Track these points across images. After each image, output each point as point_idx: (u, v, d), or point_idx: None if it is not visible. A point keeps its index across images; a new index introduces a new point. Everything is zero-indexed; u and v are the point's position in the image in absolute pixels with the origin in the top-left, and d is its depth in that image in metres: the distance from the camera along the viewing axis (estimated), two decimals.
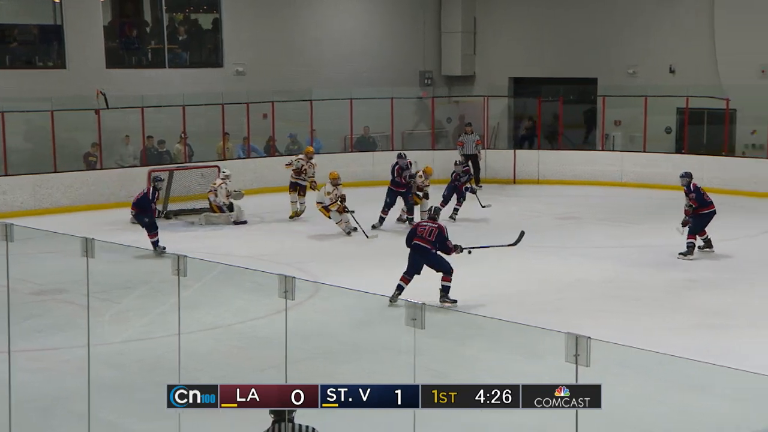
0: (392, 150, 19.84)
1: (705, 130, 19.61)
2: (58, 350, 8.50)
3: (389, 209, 14.68)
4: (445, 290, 9.84)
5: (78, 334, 6.92)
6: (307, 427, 4.37)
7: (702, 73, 19.30)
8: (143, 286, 10.93)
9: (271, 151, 19.33)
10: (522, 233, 10.71)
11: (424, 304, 4.60)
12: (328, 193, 13.78)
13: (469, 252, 10.15)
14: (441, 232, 10.01)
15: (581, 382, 4.13)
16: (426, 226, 10.19)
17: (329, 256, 12.69)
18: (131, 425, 6.86)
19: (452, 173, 15.69)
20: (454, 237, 10.31)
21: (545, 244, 13.24)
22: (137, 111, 17.28)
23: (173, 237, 13.79)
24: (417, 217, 14.26)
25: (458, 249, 10.06)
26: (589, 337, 4.07)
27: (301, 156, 15.88)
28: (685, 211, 12.32)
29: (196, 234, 14.21)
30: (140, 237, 13.65)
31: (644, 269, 11.66)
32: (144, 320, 9.71)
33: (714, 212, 12.31)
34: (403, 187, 14.73)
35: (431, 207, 11.27)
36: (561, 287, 10.80)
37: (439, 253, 9.99)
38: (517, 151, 19.88)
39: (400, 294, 9.73)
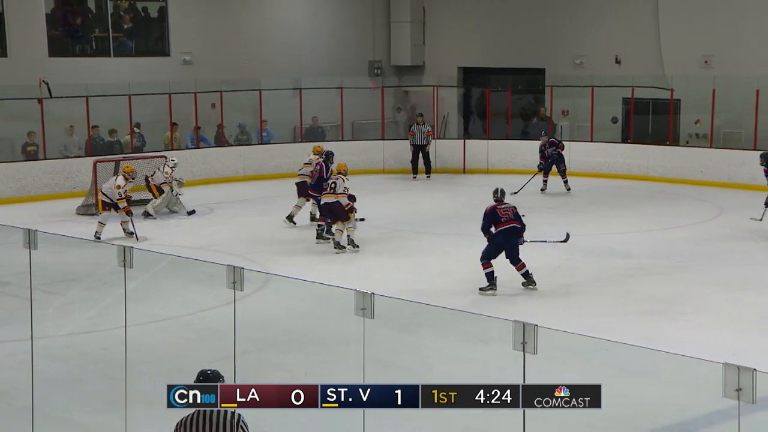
0: (342, 140, 19.85)
1: (650, 119, 19.91)
2: (0, 344, 8.34)
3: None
4: (528, 275, 10.12)
5: (21, 328, 6.80)
6: (233, 413, 4.32)
7: (647, 63, 19.58)
8: (88, 278, 10.76)
9: (220, 140, 19.16)
10: (568, 234, 10.92)
11: (373, 293, 4.60)
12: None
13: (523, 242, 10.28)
14: (516, 209, 10.21)
15: (528, 369, 4.17)
16: (505, 208, 10.21)
17: (280, 246, 12.63)
18: (77, 418, 6.75)
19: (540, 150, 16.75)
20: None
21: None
22: (82, 100, 16.98)
23: (119, 229, 13.61)
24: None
25: (524, 239, 10.27)
26: (536, 325, 4.11)
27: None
28: None
29: (144, 224, 14.01)
30: (85, 228, 13.46)
31: (590, 257, 11.80)
32: (90, 313, 9.57)
33: None
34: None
35: (497, 189, 10.50)
36: (510, 276, 10.88)
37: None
38: (466, 141, 19.98)
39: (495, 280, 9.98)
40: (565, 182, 16.95)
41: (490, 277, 10.05)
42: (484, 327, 7.30)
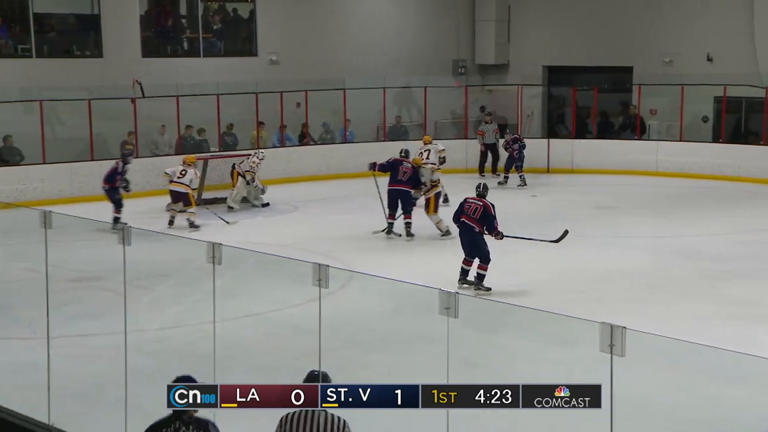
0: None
1: (743, 118, 19.34)
2: (94, 337, 8.60)
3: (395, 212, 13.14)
4: (480, 278, 9.77)
5: (114, 321, 6.99)
6: (339, 417, 4.37)
7: (740, 61, 19.01)
8: (178, 273, 11.01)
9: (304, 139, 19.38)
10: (566, 231, 10.60)
11: (457, 293, 4.59)
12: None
13: (501, 238, 10.03)
14: (486, 209, 9.86)
15: (616, 372, 4.10)
16: (472, 203, 10.01)
17: (363, 244, 12.70)
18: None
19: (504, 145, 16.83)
20: None
21: (580, 234, 13.15)
22: (172, 100, 17.40)
23: (207, 225, 13.91)
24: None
25: (499, 234, 9.94)
26: (624, 327, 4.04)
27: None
28: None
29: (231, 219, 14.25)
30: (176, 224, 13.79)
31: (679, 259, 11.54)
32: (179, 308, 9.79)
33: None
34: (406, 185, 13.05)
35: (479, 184, 10.45)
36: (596, 277, 10.73)
37: (485, 236, 9.88)
38: (550, 140, 19.74)
39: (465, 277, 9.75)
40: (522, 177, 17.30)
41: (462, 272, 9.83)
42: (570, 328, 7.20)
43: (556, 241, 10.54)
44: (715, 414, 6.53)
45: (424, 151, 15.11)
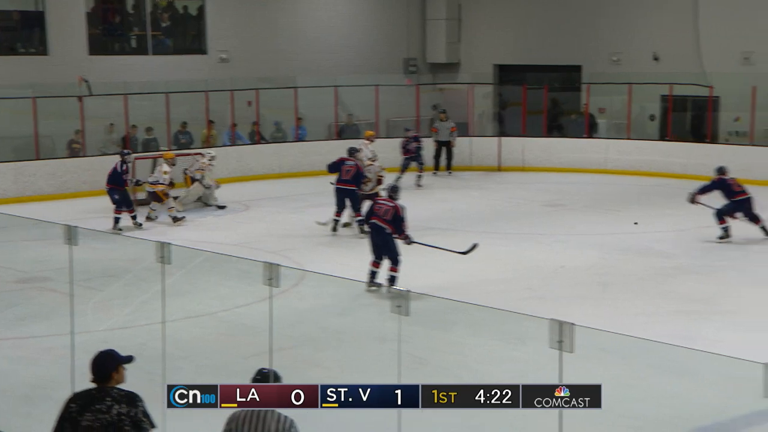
0: (377, 137, 19.84)
1: (689, 117, 19.68)
2: (40, 338, 8.46)
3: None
4: (392, 281, 9.61)
5: (61, 323, 6.89)
6: (286, 417, 4.33)
7: (686, 60, 19.35)
8: (127, 273, 10.88)
9: (256, 138, 19.27)
10: (475, 245, 10.40)
11: (408, 291, 4.60)
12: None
13: (409, 243, 9.85)
14: (397, 211, 9.74)
15: (565, 367, 4.14)
16: (383, 204, 9.90)
17: (316, 243, 12.67)
18: None
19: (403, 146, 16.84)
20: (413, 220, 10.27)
21: (530, 231, 13.29)
22: (120, 98, 17.17)
23: (157, 225, 13.76)
24: None
25: (408, 238, 9.80)
26: (573, 324, 4.08)
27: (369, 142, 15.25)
28: None
29: (164, 222, 14.11)
30: (123, 224, 13.60)
31: (628, 256, 11.70)
32: (128, 308, 9.67)
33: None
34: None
35: (390, 185, 10.56)
36: (546, 274, 10.84)
37: (395, 237, 9.71)
38: (502, 138, 19.90)
39: (373, 279, 9.61)
40: (420, 177, 17.24)
41: (370, 274, 9.68)
42: (520, 325, 7.27)
43: (464, 253, 10.31)
44: (663, 408, 6.63)
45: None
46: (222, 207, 14.99)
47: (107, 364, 4.30)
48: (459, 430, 5.84)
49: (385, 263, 9.80)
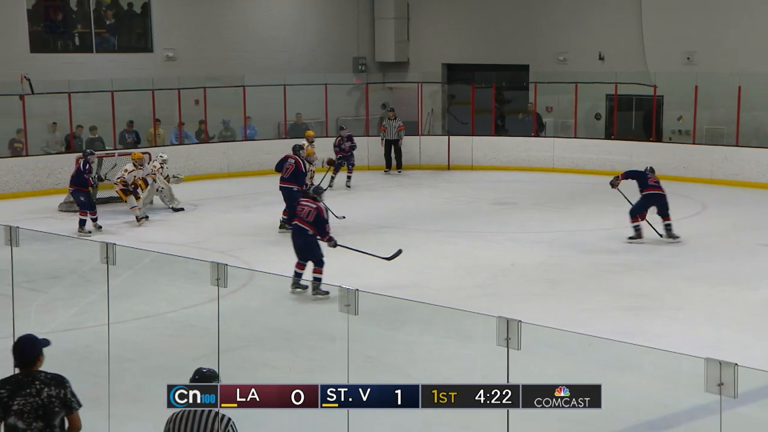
0: (326, 136, 19.82)
1: (633, 116, 20.00)
2: None
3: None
4: (317, 282, 9.52)
5: (2, 325, 6.74)
6: (223, 415, 4.32)
7: (630, 60, 19.66)
8: (71, 275, 10.70)
9: (203, 137, 19.10)
10: (399, 251, 10.38)
11: (357, 290, 4.59)
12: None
13: (333, 246, 9.72)
14: (319, 213, 9.64)
15: (512, 364, 4.18)
16: (305, 206, 9.78)
17: (265, 242, 12.59)
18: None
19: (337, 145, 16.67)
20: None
21: (479, 230, 13.39)
22: (64, 97, 16.87)
23: (106, 225, 13.56)
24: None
25: (332, 241, 9.70)
26: (520, 321, 4.11)
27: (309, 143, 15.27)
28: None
29: (131, 221, 13.93)
30: (67, 225, 13.39)
31: (574, 253, 11.85)
32: (73, 310, 9.51)
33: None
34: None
35: (312, 186, 10.40)
36: (494, 272, 10.92)
37: (318, 239, 9.61)
38: (451, 137, 20.00)
39: (299, 281, 9.47)
40: (349, 177, 17.09)
41: (295, 275, 9.58)
42: (469, 323, 7.31)
43: (389, 259, 10.25)
44: (607, 403, 6.72)
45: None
46: (179, 209, 14.74)
47: (32, 349, 4.46)
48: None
49: (310, 265, 9.67)
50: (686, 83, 17.98)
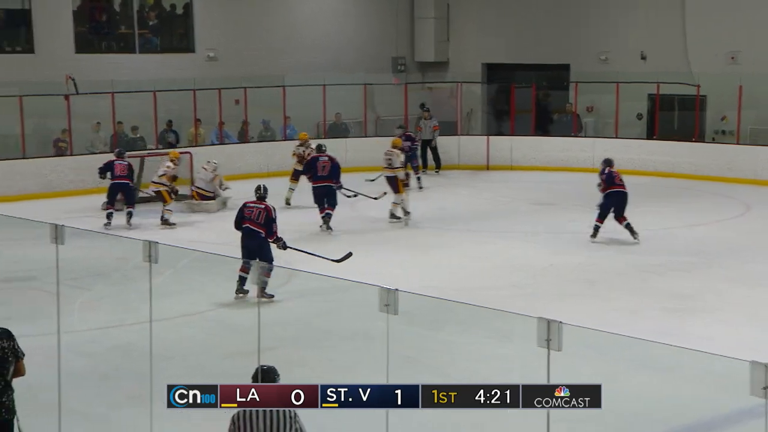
0: (365, 136, 19.87)
1: (676, 116, 19.75)
2: (26, 338, 8.40)
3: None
4: (264, 284, 9.43)
5: (47, 322, 6.85)
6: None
7: (673, 59, 19.42)
8: (114, 273, 10.84)
9: (244, 137, 19.22)
10: (349, 253, 10.20)
11: (397, 289, 4.59)
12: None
13: (284, 248, 9.56)
14: (269, 213, 9.45)
15: (552, 365, 4.15)
16: (254, 208, 9.54)
17: (306, 241, 12.63)
18: (102, 413, 6.81)
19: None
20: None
21: (517, 230, 13.32)
22: (107, 97, 17.10)
23: (146, 224, 13.72)
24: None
25: (280, 242, 9.52)
26: (561, 322, 4.08)
27: (299, 143, 15.72)
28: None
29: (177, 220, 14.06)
30: (117, 227, 13.56)
31: (613, 254, 11.74)
32: (115, 307, 9.64)
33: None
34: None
35: (258, 186, 9.94)
36: (532, 272, 10.86)
37: (269, 241, 9.45)
38: (490, 137, 19.92)
39: (242, 286, 9.28)
40: (419, 178, 16.66)
41: (239, 280, 9.32)
42: (508, 324, 7.28)
43: (338, 261, 10.09)
44: (649, 406, 6.66)
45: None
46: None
47: None
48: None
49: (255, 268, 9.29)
50: (730, 83, 17.72)
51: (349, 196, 14.03)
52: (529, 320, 4.15)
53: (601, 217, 12.31)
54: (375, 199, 13.92)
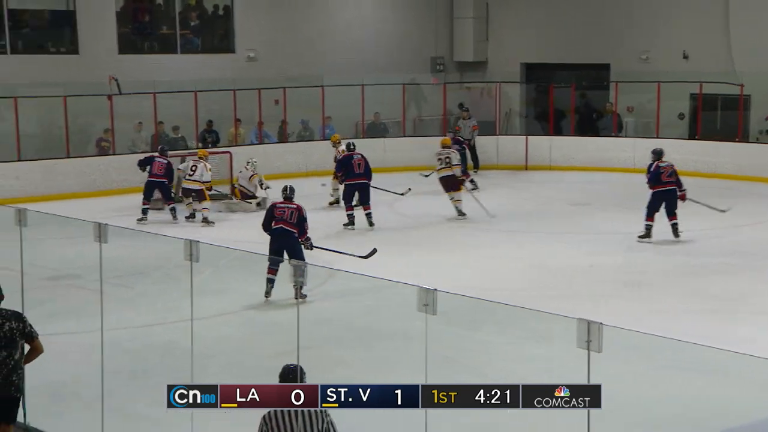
0: (404, 136, 19.87)
1: (719, 116, 19.49)
2: (71, 335, 8.55)
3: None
4: (301, 284, 9.37)
5: (91, 320, 6.96)
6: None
7: (716, 58, 19.16)
8: (156, 271, 10.97)
9: (283, 137, 19.33)
10: (374, 250, 10.26)
11: (436, 289, 4.60)
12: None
13: (311, 248, 9.57)
14: (301, 212, 9.49)
15: (593, 367, 4.13)
16: (284, 208, 9.55)
17: (347, 241, 12.68)
18: (143, 411, 6.89)
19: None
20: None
21: (556, 230, 13.24)
22: (149, 97, 17.31)
23: (186, 223, 13.86)
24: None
25: (308, 241, 9.54)
26: (601, 323, 4.06)
27: (333, 143, 15.89)
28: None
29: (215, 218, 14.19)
30: (153, 223, 13.73)
31: (654, 255, 11.63)
32: (157, 306, 9.75)
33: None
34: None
35: (285, 186, 10.10)
36: (571, 272, 10.79)
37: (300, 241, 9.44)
38: (529, 137, 19.81)
39: (272, 288, 9.32)
40: (471, 180, 16.12)
41: (268, 282, 9.35)
42: (548, 324, 7.24)
43: (365, 257, 10.12)
44: (690, 409, 6.58)
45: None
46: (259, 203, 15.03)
47: None
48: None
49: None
50: None
51: (402, 194, 14.43)
52: (568, 321, 4.13)
53: (650, 216, 12.15)
54: (401, 195, 13.98)
